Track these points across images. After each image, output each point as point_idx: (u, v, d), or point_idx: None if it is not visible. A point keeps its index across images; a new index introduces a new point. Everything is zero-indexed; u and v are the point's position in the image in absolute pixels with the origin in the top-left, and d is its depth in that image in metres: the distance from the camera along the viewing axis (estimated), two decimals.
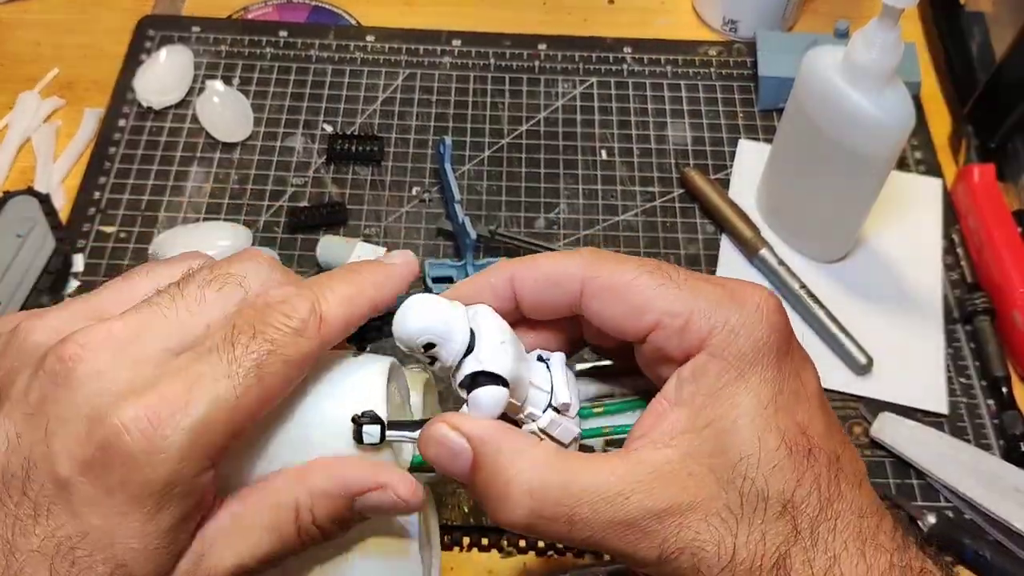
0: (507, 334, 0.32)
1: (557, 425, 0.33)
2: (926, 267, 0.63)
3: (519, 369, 0.32)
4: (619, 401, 0.36)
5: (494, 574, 0.51)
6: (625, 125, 0.70)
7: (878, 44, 0.51)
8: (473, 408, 0.31)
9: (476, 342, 0.32)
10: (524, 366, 0.33)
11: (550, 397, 0.33)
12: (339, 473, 0.32)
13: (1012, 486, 0.53)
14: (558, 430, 0.33)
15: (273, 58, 0.73)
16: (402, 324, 0.31)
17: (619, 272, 0.32)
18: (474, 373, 0.31)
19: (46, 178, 0.65)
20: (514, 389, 0.32)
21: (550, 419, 0.33)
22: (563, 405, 0.33)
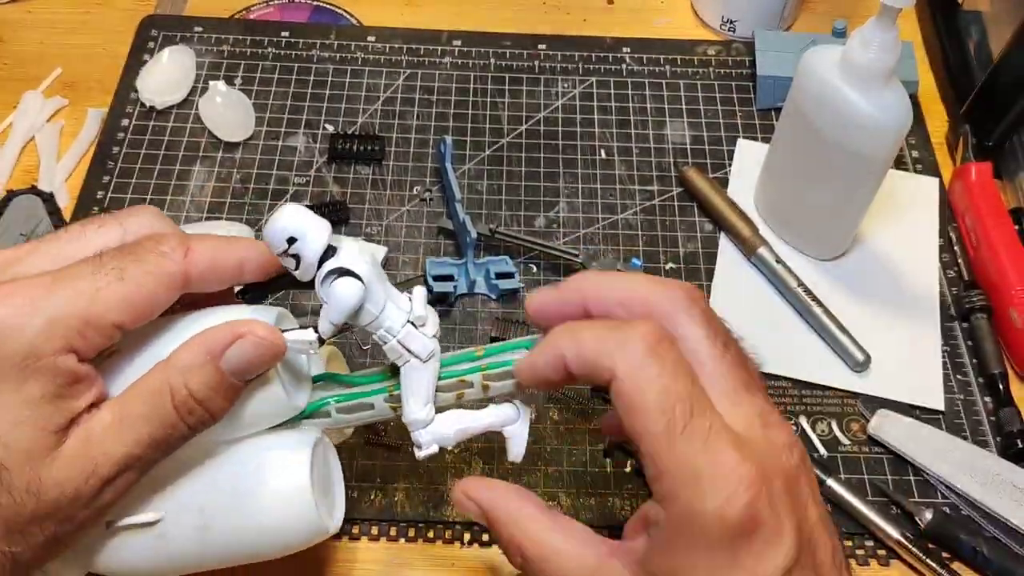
0: (368, 251, 0.37)
1: (414, 339, 0.37)
2: (923, 265, 0.63)
3: (377, 278, 0.36)
4: (499, 345, 0.40)
5: (495, 570, 0.51)
6: (624, 124, 0.71)
7: (876, 43, 0.51)
8: (330, 302, 0.35)
9: (337, 252, 0.35)
10: (383, 284, 0.37)
11: (408, 315, 0.37)
12: (198, 341, 0.35)
13: (1009, 482, 0.53)
14: (415, 344, 0.37)
15: (275, 58, 0.73)
16: (270, 222, 0.35)
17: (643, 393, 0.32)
18: (332, 269, 0.35)
19: (49, 177, 0.66)
20: (370, 294, 0.36)
21: (407, 332, 0.37)
22: (419, 318, 0.37)
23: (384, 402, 0.40)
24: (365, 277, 0.35)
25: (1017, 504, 0.53)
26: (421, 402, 0.39)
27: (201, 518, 0.38)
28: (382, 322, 0.37)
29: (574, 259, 0.61)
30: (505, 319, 0.58)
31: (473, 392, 0.39)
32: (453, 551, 0.52)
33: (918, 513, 0.52)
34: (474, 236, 0.60)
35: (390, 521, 0.52)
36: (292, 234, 0.35)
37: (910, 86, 0.70)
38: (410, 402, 0.39)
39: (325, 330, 0.36)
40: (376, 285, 0.36)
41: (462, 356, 0.40)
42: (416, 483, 0.53)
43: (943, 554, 0.51)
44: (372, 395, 0.40)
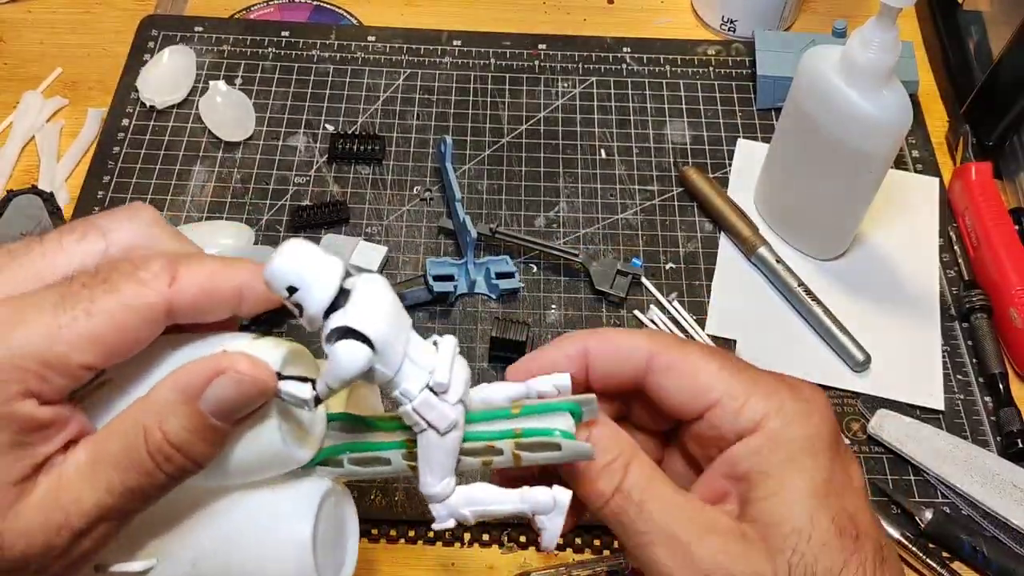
0: (387, 299, 0.31)
1: (432, 408, 0.31)
2: (923, 265, 0.63)
3: (394, 336, 0.30)
4: (539, 403, 0.34)
5: (495, 569, 0.51)
6: (624, 124, 0.71)
7: (876, 43, 0.51)
8: (331, 365, 0.30)
9: (349, 300, 0.30)
10: (403, 337, 0.31)
11: (429, 377, 0.31)
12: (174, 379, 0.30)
13: (1009, 482, 0.53)
14: (433, 414, 0.32)
15: (275, 58, 0.73)
16: (269, 264, 0.29)
17: (683, 352, 0.34)
18: (337, 328, 0.29)
19: (50, 177, 0.66)
20: (383, 356, 0.30)
21: (424, 399, 0.31)
22: (439, 385, 0.31)
23: (402, 459, 0.35)
24: (377, 341, 0.29)
25: (1017, 504, 0.53)
26: (437, 476, 0.33)
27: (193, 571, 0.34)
28: (397, 384, 0.31)
29: (574, 259, 0.61)
30: (505, 319, 0.58)
31: (503, 460, 0.34)
32: (453, 551, 0.52)
33: (918, 513, 0.52)
34: (474, 236, 0.60)
35: (390, 521, 0.52)
36: (292, 282, 0.29)
37: (910, 86, 0.70)
38: (425, 474, 0.33)
39: (322, 392, 0.31)
40: (392, 343, 0.30)
41: (496, 412, 0.34)
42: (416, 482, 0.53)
43: (943, 554, 0.51)
44: (389, 448, 0.35)
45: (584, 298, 0.61)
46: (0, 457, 0.29)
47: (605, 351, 0.35)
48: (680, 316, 0.60)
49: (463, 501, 0.34)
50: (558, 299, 0.61)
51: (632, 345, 0.35)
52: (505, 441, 0.33)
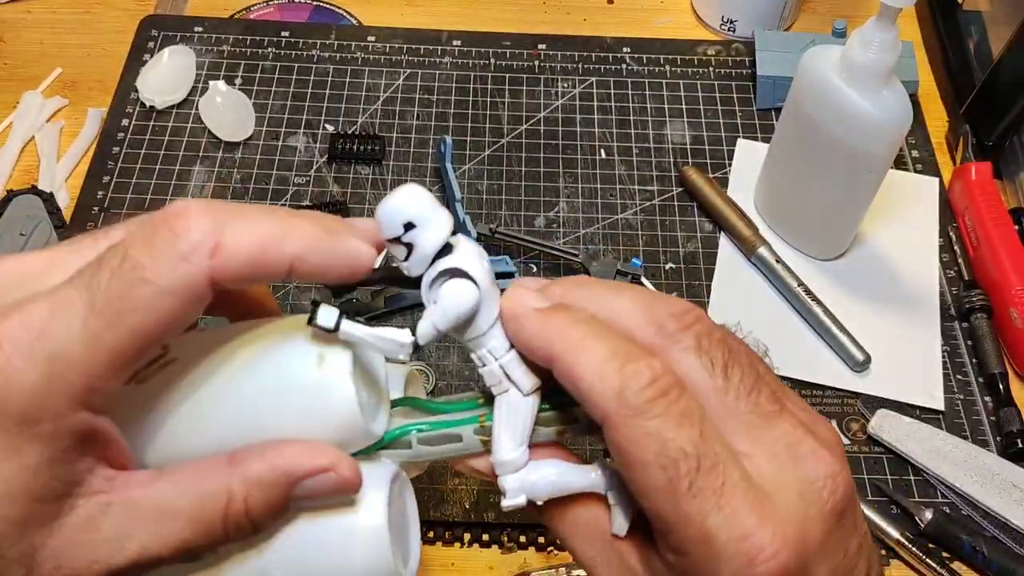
0: (486, 257, 0.31)
1: (518, 367, 0.31)
2: (923, 265, 0.63)
3: (493, 290, 0.31)
4: None
5: (495, 570, 0.51)
6: (624, 124, 0.71)
7: (876, 43, 0.51)
8: (440, 305, 0.30)
9: (454, 250, 0.30)
10: (497, 296, 0.31)
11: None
12: (276, 458, 0.29)
13: (1009, 482, 0.53)
14: (518, 372, 0.31)
15: (275, 58, 0.73)
16: (388, 201, 0.29)
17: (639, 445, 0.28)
18: (448, 268, 0.30)
19: (49, 177, 0.66)
20: (485, 304, 0.30)
21: (512, 357, 0.31)
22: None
23: (474, 434, 0.33)
24: (483, 285, 0.30)
25: (1017, 504, 0.53)
26: (515, 441, 0.32)
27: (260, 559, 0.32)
28: (487, 340, 0.31)
29: (574, 259, 0.61)
30: None
31: (578, 428, 0.33)
32: (453, 551, 0.52)
33: (918, 513, 0.52)
34: (474, 236, 0.60)
35: None
36: (411, 219, 0.29)
37: (910, 86, 0.70)
38: (502, 439, 0.32)
39: (425, 334, 0.30)
40: (491, 297, 0.31)
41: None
42: (416, 483, 0.53)
43: (943, 554, 0.51)
44: (461, 425, 0.34)
45: None
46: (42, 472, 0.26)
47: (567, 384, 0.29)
48: None
49: (537, 473, 0.32)
50: None
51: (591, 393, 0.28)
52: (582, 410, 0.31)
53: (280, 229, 0.28)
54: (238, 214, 0.27)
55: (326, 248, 0.29)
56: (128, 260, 0.26)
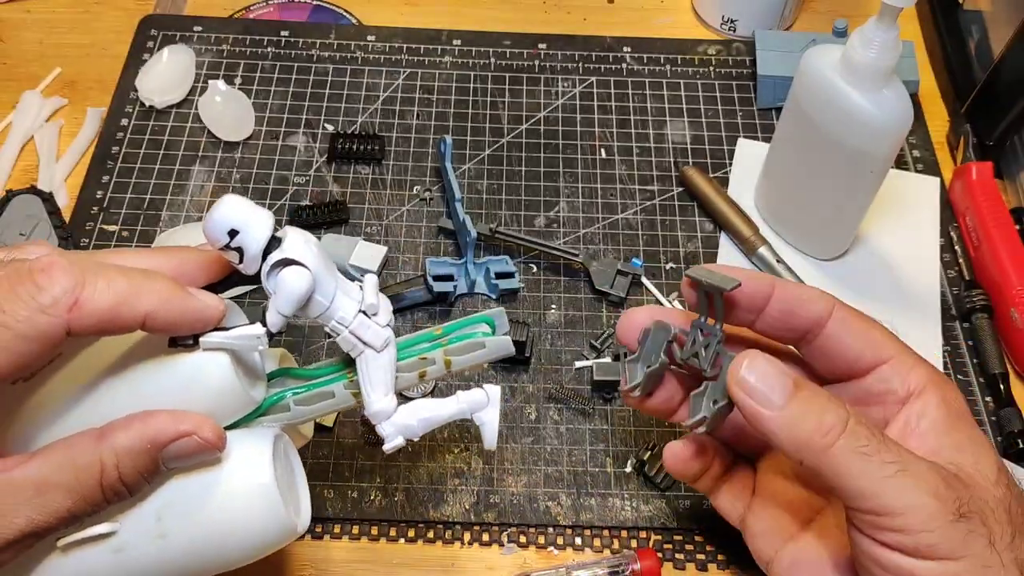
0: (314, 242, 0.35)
1: (367, 328, 0.36)
2: (924, 264, 0.63)
3: (325, 267, 0.35)
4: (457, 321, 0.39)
5: (495, 570, 0.51)
6: (624, 124, 0.71)
7: (876, 43, 0.51)
8: (278, 292, 0.34)
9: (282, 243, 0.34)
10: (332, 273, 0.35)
11: (359, 304, 0.36)
12: (141, 427, 0.33)
13: None
14: (368, 333, 0.36)
15: (274, 57, 0.73)
16: (209, 215, 0.33)
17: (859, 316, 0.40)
18: (279, 260, 0.34)
19: (49, 177, 0.66)
20: (319, 283, 0.34)
21: (359, 321, 0.36)
22: (370, 307, 0.36)
23: (344, 389, 0.39)
24: (312, 267, 0.34)
25: None
26: (381, 392, 0.37)
27: (159, 526, 0.35)
28: (333, 313, 0.36)
29: (574, 259, 0.61)
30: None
31: (436, 369, 0.38)
32: (453, 551, 0.52)
33: None
34: (474, 236, 0.60)
35: (390, 521, 0.52)
36: (233, 226, 0.33)
37: (911, 85, 0.69)
38: (370, 394, 0.37)
39: (274, 322, 0.35)
40: (325, 275, 0.35)
41: (421, 336, 0.39)
42: (416, 483, 0.53)
43: None
44: (332, 383, 0.39)
45: (584, 298, 0.61)
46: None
47: (790, 295, 0.39)
48: None
49: (407, 414, 0.38)
50: (558, 299, 0.61)
51: (815, 295, 0.40)
52: (435, 352, 0.38)
53: (134, 290, 0.32)
54: (98, 274, 0.31)
55: (175, 307, 0.33)
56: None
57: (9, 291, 0.29)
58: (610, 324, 0.60)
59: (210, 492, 0.35)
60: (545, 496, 0.53)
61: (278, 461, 0.37)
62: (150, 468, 0.33)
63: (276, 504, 0.36)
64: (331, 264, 0.36)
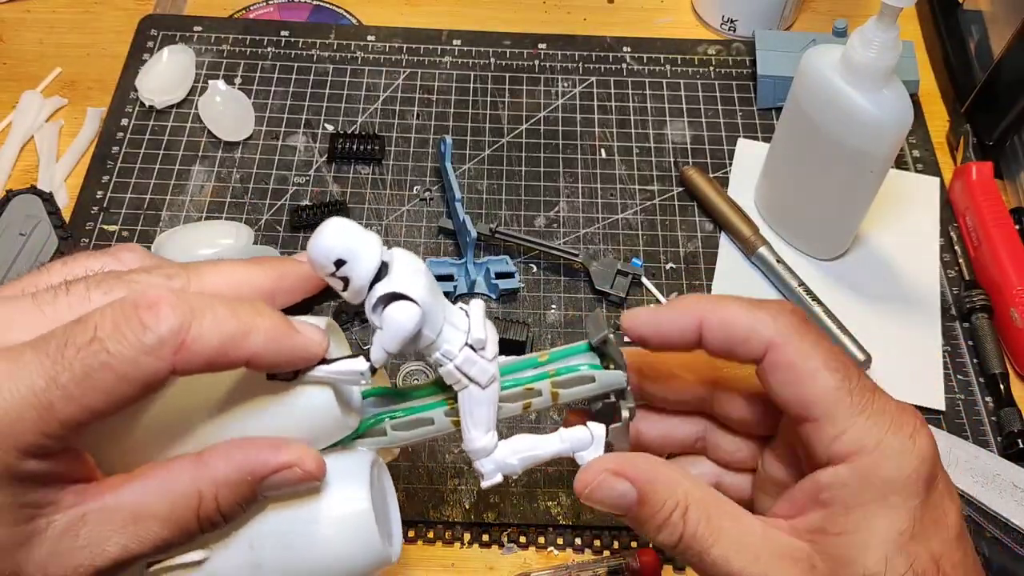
0: (422, 268, 0.33)
1: (473, 364, 0.34)
2: (924, 264, 0.63)
3: (434, 300, 0.32)
4: (561, 349, 0.36)
5: (495, 570, 0.51)
6: (624, 124, 0.71)
7: (876, 43, 0.51)
8: (385, 329, 0.32)
9: (390, 270, 0.32)
10: (440, 302, 0.33)
11: (466, 336, 0.34)
12: (242, 458, 0.32)
13: (1010, 483, 0.53)
14: (474, 368, 0.34)
15: (274, 57, 0.73)
16: (315, 241, 0.31)
17: (806, 357, 0.32)
18: (386, 294, 0.31)
19: (49, 177, 0.66)
20: (428, 317, 0.32)
21: (465, 356, 0.33)
22: (478, 341, 0.34)
23: (444, 416, 0.36)
24: (422, 301, 0.31)
25: (1017, 504, 0.52)
26: (482, 430, 0.35)
27: (251, 555, 0.34)
28: (439, 346, 0.33)
29: (574, 259, 0.61)
30: (505, 319, 0.58)
31: (541, 400, 0.36)
32: (453, 551, 0.52)
33: None
34: (474, 236, 0.60)
35: None
36: (340, 256, 0.31)
37: (911, 85, 0.69)
38: (470, 430, 0.35)
39: (378, 359, 0.32)
40: (433, 307, 0.32)
41: (524, 363, 0.36)
42: (416, 483, 0.53)
43: None
44: (431, 408, 0.36)
45: (584, 298, 0.61)
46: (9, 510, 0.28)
47: (719, 329, 0.34)
48: None
49: (508, 452, 0.35)
50: (558, 299, 0.61)
51: (750, 327, 0.33)
52: (542, 382, 0.35)
53: (242, 329, 0.30)
54: (205, 312, 0.29)
55: (282, 346, 0.31)
56: (96, 342, 0.27)
57: (114, 330, 0.28)
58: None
59: (306, 520, 0.34)
60: (545, 496, 0.53)
61: (374, 488, 0.36)
62: (248, 499, 0.32)
63: (372, 534, 0.34)
64: (438, 292, 0.33)
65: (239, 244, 0.62)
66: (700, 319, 0.34)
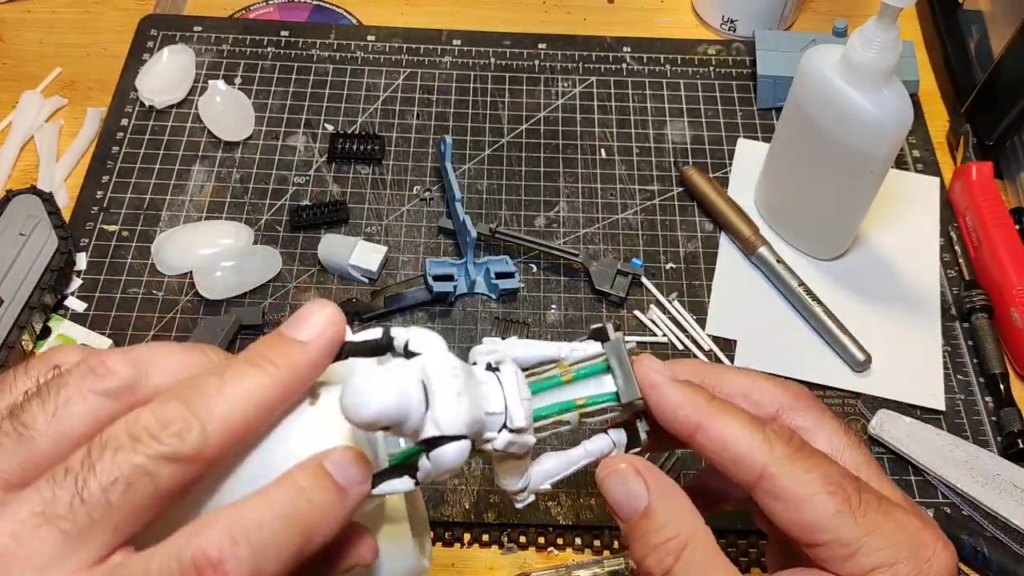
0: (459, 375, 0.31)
1: (512, 444, 0.33)
2: (924, 264, 0.63)
3: (475, 411, 0.31)
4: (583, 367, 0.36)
5: (495, 570, 0.51)
6: (624, 124, 0.71)
7: (876, 43, 0.51)
8: (435, 467, 0.30)
9: (430, 398, 0.29)
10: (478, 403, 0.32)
11: (504, 418, 0.33)
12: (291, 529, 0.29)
13: (1010, 482, 0.53)
14: (514, 448, 0.33)
15: (274, 57, 0.73)
16: (355, 411, 0.28)
17: (802, 482, 0.31)
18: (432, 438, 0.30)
19: (49, 177, 0.66)
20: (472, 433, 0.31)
21: (506, 440, 0.33)
22: (519, 430, 0.33)
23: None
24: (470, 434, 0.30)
25: (1017, 504, 0.52)
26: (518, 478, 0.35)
27: None
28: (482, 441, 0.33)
29: (574, 259, 0.61)
30: (505, 319, 0.58)
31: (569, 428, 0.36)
32: (453, 551, 0.52)
33: None
34: (474, 236, 0.60)
35: None
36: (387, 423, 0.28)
37: (911, 85, 0.69)
38: (505, 482, 0.36)
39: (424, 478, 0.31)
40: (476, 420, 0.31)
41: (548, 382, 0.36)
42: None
43: None
44: None
45: (584, 298, 0.61)
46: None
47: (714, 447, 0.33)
48: (680, 316, 0.60)
49: (539, 479, 0.36)
50: (558, 299, 0.61)
51: (746, 454, 0.32)
52: (571, 413, 0.35)
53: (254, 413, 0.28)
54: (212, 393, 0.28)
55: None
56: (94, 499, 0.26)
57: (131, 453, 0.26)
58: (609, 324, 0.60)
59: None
60: (545, 496, 0.53)
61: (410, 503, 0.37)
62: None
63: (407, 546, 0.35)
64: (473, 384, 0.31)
65: (239, 244, 0.62)
66: (696, 428, 0.33)
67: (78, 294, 0.60)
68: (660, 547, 0.32)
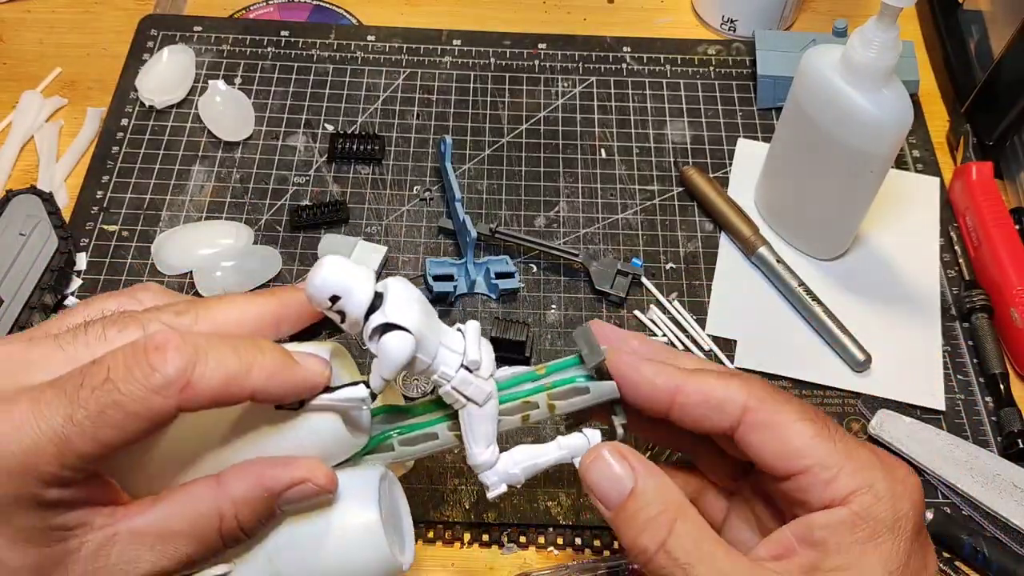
0: (415, 296, 0.35)
1: (469, 384, 0.36)
2: (924, 264, 0.63)
3: (427, 326, 0.34)
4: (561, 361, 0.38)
5: (495, 570, 0.51)
6: (624, 124, 0.71)
7: (876, 43, 0.51)
8: (381, 357, 0.34)
9: (384, 301, 0.34)
10: (434, 326, 0.35)
11: (462, 358, 0.36)
12: (256, 476, 0.34)
13: (1010, 482, 0.53)
14: (471, 388, 0.36)
15: (274, 57, 0.73)
16: (310, 280, 0.33)
17: (778, 411, 0.35)
18: (380, 325, 0.33)
19: (49, 177, 0.66)
20: (422, 344, 0.34)
21: (461, 377, 0.35)
22: (473, 363, 0.36)
23: (448, 431, 0.39)
24: (415, 330, 0.33)
25: (1017, 504, 0.52)
26: (483, 445, 0.37)
27: (270, 567, 0.36)
28: (435, 368, 0.35)
29: (574, 259, 0.61)
30: (505, 319, 0.58)
31: (539, 413, 0.38)
32: (453, 551, 0.52)
33: None
34: (474, 236, 0.60)
35: None
36: (334, 291, 0.33)
37: (911, 85, 0.69)
38: (472, 446, 0.37)
39: (377, 385, 0.35)
40: (427, 334, 0.34)
41: (523, 376, 0.38)
42: (416, 483, 0.53)
43: (944, 554, 0.51)
44: (435, 424, 0.39)
45: (584, 298, 0.61)
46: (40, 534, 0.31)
47: (696, 399, 0.36)
48: (680, 316, 0.60)
49: (509, 463, 0.38)
50: (558, 299, 0.61)
51: (726, 396, 0.35)
52: (539, 395, 0.37)
53: (245, 366, 0.32)
54: (208, 352, 0.31)
55: (284, 380, 0.33)
56: (108, 383, 0.30)
57: (125, 371, 0.30)
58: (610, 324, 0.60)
59: (319, 533, 0.36)
60: (545, 496, 0.53)
61: (383, 500, 0.38)
62: (266, 514, 0.34)
63: (381, 544, 0.36)
64: (432, 316, 0.35)
65: (239, 244, 0.62)
66: (675, 387, 0.36)
67: (78, 294, 0.60)
68: (651, 522, 0.33)
